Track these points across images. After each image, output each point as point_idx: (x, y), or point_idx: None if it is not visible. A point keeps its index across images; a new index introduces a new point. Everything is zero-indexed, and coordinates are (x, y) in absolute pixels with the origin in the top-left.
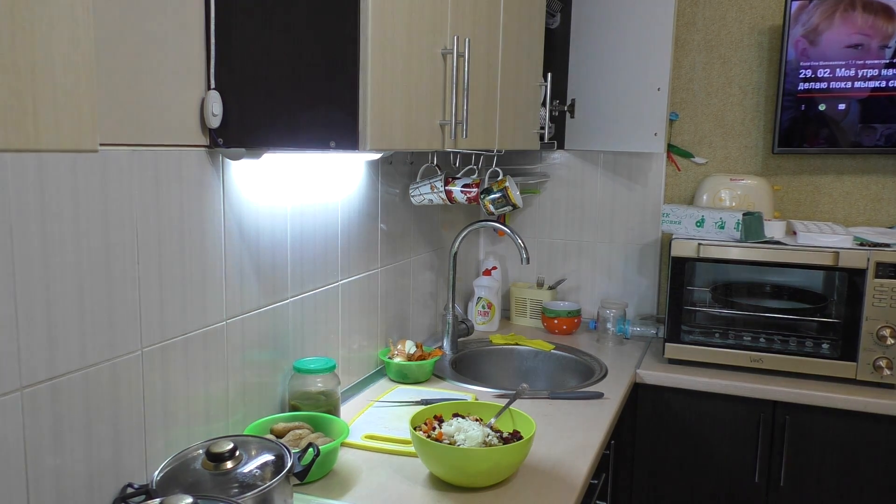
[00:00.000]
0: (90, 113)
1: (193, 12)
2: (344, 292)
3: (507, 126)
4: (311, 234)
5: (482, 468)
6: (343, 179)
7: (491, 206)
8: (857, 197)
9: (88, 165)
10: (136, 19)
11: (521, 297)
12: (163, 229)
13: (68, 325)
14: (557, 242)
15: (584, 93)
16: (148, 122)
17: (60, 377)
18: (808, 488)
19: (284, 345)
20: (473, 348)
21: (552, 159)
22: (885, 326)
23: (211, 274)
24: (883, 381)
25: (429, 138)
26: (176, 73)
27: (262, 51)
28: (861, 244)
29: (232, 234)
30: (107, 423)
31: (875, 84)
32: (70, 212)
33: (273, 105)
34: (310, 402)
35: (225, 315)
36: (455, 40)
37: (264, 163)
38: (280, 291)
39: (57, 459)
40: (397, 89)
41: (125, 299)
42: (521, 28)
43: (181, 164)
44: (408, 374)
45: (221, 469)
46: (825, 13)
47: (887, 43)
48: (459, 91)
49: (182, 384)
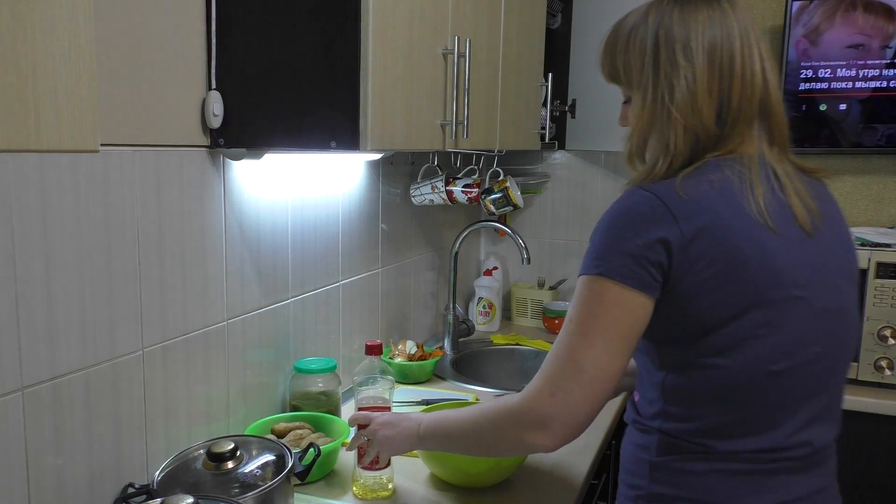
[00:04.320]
0: (91, 113)
1: (194, 12)
2: (345, 292)
3: (508, 126)
4: (311, 233)
5: (482, 468)
6: (344, 179)
7: (492, 206)
8: (858, 197)
9: (89, 166)
10: (137, 19)
11: (521, 298)
12: (164, 229)
13: (69, 325)
14: (558, 242)
15: (585, 93)
16: (149, 122)
17: (61, 377)
18: None
19: (285, 345)
20: (474, 348)
21: (553, 159)
22: (886, 326)
23: (212, 274)
24: (884, 382)
25: (430, 138)
26: (177, 73)
27: (263, 51)
28: (862, 244)
29: (233, 234)
30: (108, 422)
31: (876, 84)
32: (71, 212)
33: (274, 105)
34: (311, 403)
35: (226, 315)
36: (456, 41)
37: (265, 163)
38: (281, 291)
39: (58, 459)
40: (398, 90)
41: (126, 299)
42: (522, 28)
43: (182, 164)
44: (409, 374)
45: (222, 469)
46: (826, 13)
47: (888, 43)
48: (460, 91)
49: (183, 384)
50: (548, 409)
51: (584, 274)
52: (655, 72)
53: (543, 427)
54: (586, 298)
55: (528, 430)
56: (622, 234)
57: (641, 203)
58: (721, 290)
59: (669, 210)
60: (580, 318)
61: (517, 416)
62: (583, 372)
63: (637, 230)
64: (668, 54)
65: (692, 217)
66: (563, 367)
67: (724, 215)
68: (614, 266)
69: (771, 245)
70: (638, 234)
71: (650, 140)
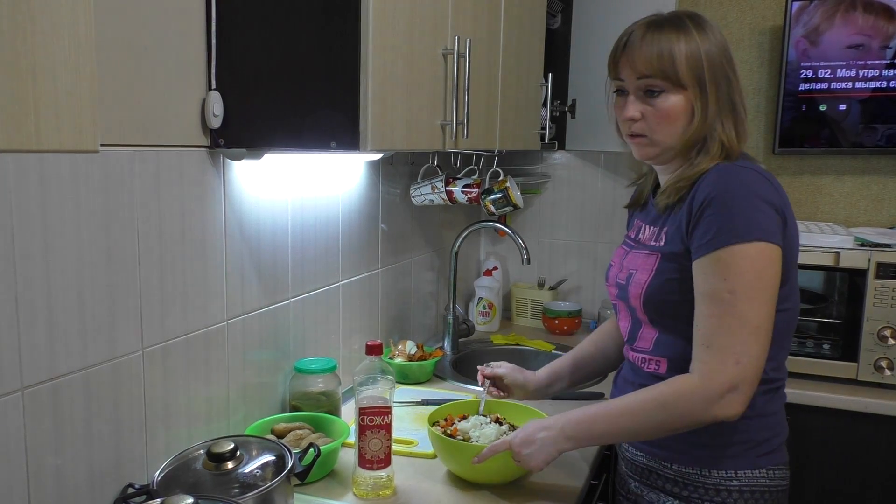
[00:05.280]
0: (91, 113)
1: (194, 13)
2: (345, 292)
3: (508, 126)
4: (311, 234)
5: (491, 466)
6: (344, 180)
7: (492, 206)
8: (858, 197)
9: (89, 166)
10: (137, 20)
11: (521, 298)
12: (164, 229)
13: (69, 325)
14: (558, 243)
15: (585, 93)
16: (149, 122)
17: (61, 377)
18: (809, 488)
19: (285, 345)
20: (474, 348)
21: (553, 159)
22: (886, 327)
23: (212, 274)
24: (884, 382)
25: (429, 139)
26: (177, 73)
27: (263, 51)
28: (862, 244)
29: (233, 235)
30: (108, 423)
31: (876, 84)
32: (71, 212)
33: (274, 105)
34: (311, 403)
35: (226, 315)
36: (456, 41)
37: (265, 163)
38: (281, 291)
39: (58, 459)
40: (398, 90)
41: (126, 299)
42: (522, 28)
43: (182, 164)
44: (409, 374)
45: (222, 469)
46: (826, 14)
47: (888, 43)
48: (460, 91)
49: (183, 384)
50: (735, 378)
51: (741, 241)
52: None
53: (733, 394)
54: (750, 264)
55: (714, 404)
56: (760, 202)
57: (758, 177)
58: (791, 249)
59: (772, 185)
60: (747, 285)
61: (703, 394)
62: (760, 331)
63: (769, 198)
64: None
65: (781, 194)
66: (741, 336)
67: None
68: (769, 229)
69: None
70: (771, 202)
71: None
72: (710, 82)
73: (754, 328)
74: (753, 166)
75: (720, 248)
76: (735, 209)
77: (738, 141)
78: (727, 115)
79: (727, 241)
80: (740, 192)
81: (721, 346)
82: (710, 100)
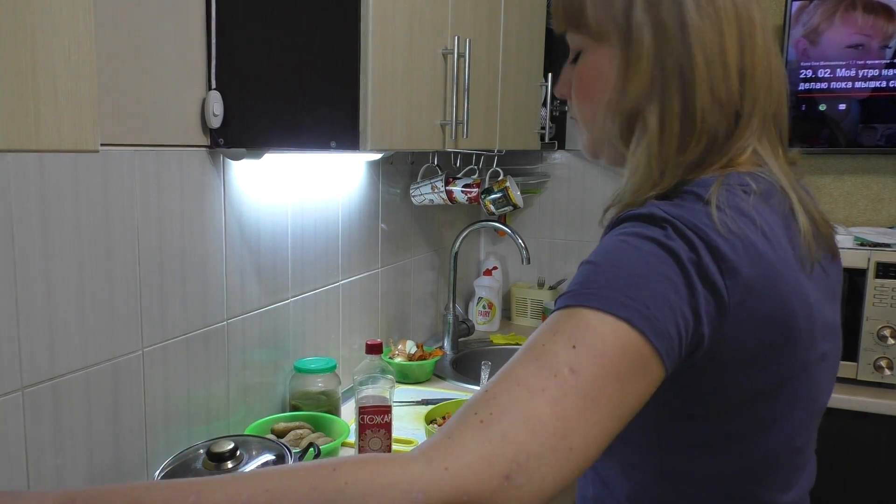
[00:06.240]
0: (91, 113)
1: (194, 12)
2: (345, 292)
3: (508, 126)
4: (311, 233)
5: None
6: (344, 179)
7: (492, 206)
8: (858, 197)
9: (89, 165)
10: (137, 19)
11: (521, 298)
12: (164, 229)
13: (69, 324)
14: (558, 242)
15: None
16: (149, 122)
17: (61, 377)
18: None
19: (285, 345)
20: (474, 348)
21: (553, 159)
22: (885, 326)
23: (212, 274)
24: (884, 382)
25: (429, 138)
26: (177, 73)
27: (263, 51)
28: (861, 244)
29: (233, 234)
30: (108, 422)
31: (875, 84)
32: (71, 212)
33: (274, 105)
34: (310, 402)
35: (226, 315)
36: (456, 40)
37: (265, 163)
38: (281, 291)
39: (58, 459)
40: (398, 89)
41: (126, 299)
42: (522, 28)
43: (182, 164)
44: (408, 374)
45: (222, 469)
46: (826, 13)
47: (888, 43)
48: (460, 91)
49: (183, 384)
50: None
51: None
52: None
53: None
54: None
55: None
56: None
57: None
58: (760, 359)
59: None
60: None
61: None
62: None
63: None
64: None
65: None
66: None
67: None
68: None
69: (811, 294)
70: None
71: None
72: (641, 25)
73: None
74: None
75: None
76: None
77: (696, 148)
78: (674, 90)
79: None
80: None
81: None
82: (641, 53)
